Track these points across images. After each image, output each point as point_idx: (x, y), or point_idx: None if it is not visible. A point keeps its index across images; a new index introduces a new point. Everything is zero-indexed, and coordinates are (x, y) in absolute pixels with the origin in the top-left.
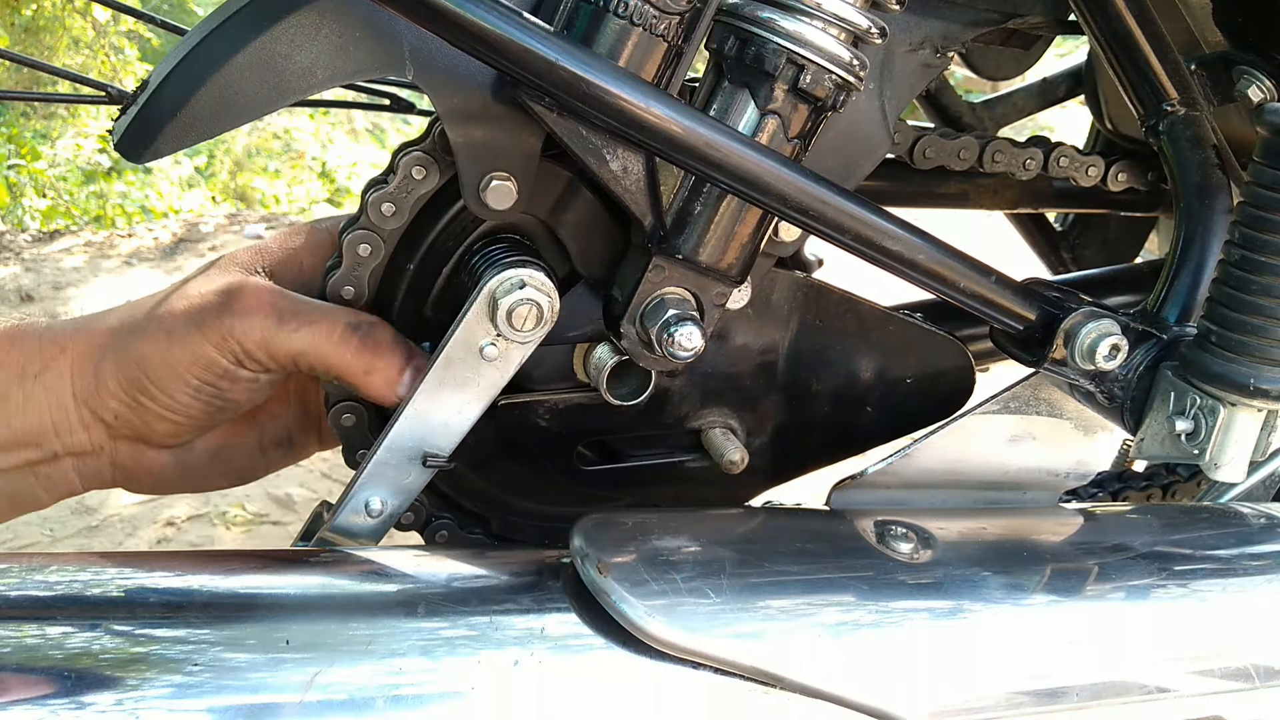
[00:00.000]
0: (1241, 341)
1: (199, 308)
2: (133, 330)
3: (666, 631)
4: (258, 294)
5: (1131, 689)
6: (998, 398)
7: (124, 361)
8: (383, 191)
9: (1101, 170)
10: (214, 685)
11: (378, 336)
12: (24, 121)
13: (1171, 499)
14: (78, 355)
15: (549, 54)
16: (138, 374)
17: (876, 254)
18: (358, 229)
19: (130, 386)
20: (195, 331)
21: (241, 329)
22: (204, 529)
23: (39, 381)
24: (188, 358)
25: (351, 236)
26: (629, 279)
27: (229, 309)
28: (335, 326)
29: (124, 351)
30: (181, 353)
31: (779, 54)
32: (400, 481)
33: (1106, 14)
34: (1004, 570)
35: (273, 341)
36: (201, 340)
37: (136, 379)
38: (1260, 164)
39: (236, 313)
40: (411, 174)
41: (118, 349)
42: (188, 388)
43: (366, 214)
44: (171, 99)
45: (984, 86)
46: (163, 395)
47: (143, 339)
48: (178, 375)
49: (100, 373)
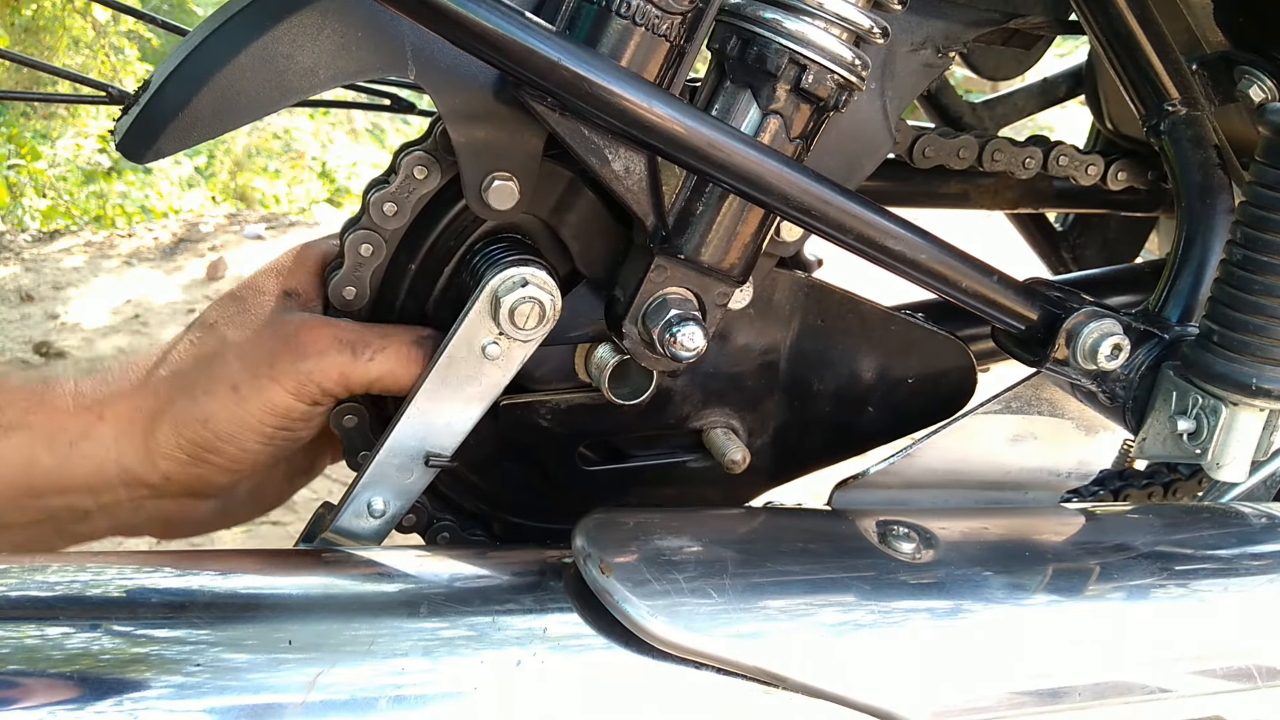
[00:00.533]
0: (1243, 341)
1: (263, 358)
2: (186, 390)
3: (669, 631)
4: (321, 331)
5: (1132, 689)
6: (999, 398)
7: (185, 424)
8: (384, 191)
9: (1101, 169)
10: (215, 685)
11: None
12: (24, 121)
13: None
14: (120, 423)
15: (551, 54)
16: (205, 434)
17: (878, 254)
18: (359, 229)
19: (193, 448)
20: (269, 383)
21: (321, 370)
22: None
23: (75, 449)
24: (263, 409)
25: (353, 236)
26: (631, 279)
27: (301, 352)
28: (405, 348)
29: (183, 414)
30: (255, 406)
31: (781, 54)
32: (403, 482)
33: (1107, 14)
34: (1006, 570)
35: (351, 375)
36: (277, 389)
37: (203, 439)
38: (1262, 163)
39: (309, 355)
40: (414, 174)
41: (174, 413)
42: (260, 438)
43: (368, 214)
44: (173, 99)
45: (984, 86)
46: (233, 449)
47: (204, 400)
48: (251, 428)
49: (153, 439)
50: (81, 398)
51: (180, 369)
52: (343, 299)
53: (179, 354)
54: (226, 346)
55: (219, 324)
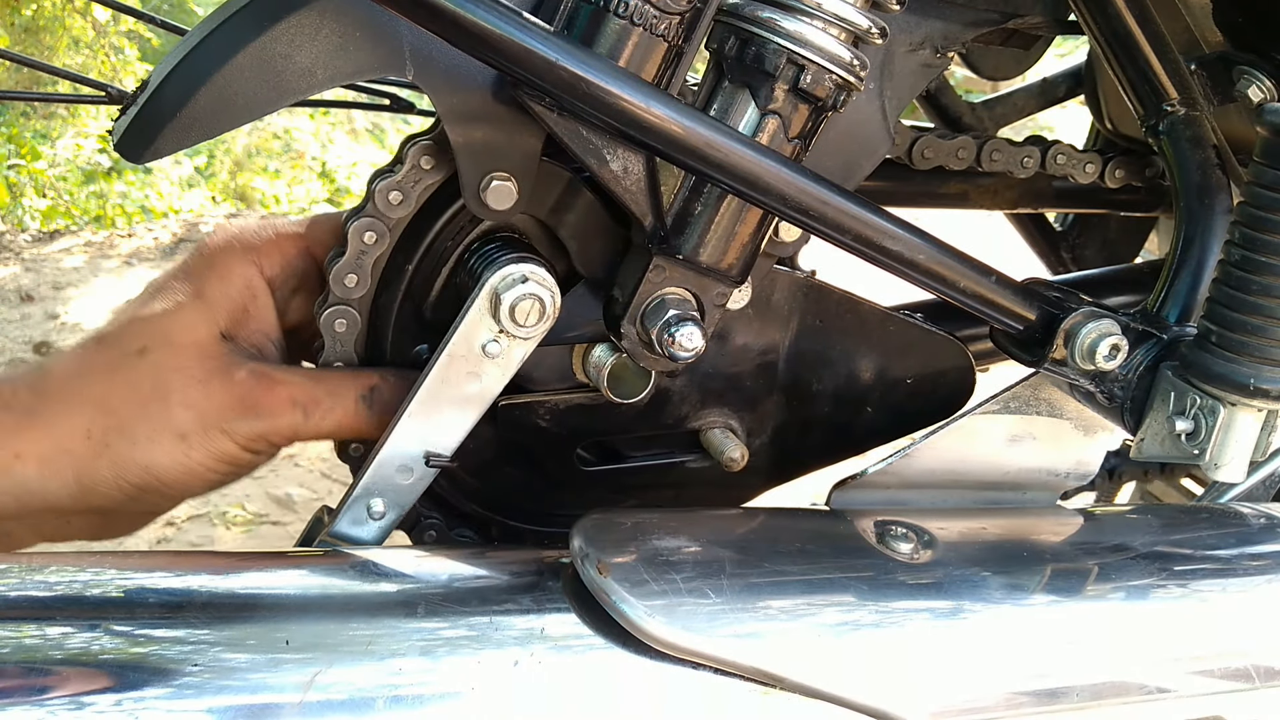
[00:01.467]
0: (1242, 341)
1: (214, 415)
2: (125, 435)
3: (666, 632)
4: (277, 392)
5: (1131, 689)
6: (998, 398)
7: (126, 468)
8: (390, 180)
9: (1099, 167)
10: (214, 685)
11: (386, 396)
12: (24, 121)
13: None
14: (42, 461)
15: (549, 54)
16: (148, 479)
17: (877, 254)
18: (364, 217)
19: (134, 489)
20: (219, 436)
21: (275, 429)
22: (204, 529)
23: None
24: (210, 459)
25: (357, 224)
26: (629, 279)
27: (254, 413)
28: (352, 404)
29: (123, 459)
30: (203, 456)
31: (779, 54)
32: (403, 482)
33: (1106, 14)
34: (1004, 570)
35: (303, 432)
36: (228, 443)
37: (145, 483)
38: (1260, 164)
39: (263, 416)
40: (420, 163)
41: (113, 457)
42: (204, 484)
43: (373, 202)
44: (172, 99)
45: (984, 86)
46: (174, 491)
47: (148, 446)
48: (197, 475)
49: (88, 477)
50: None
51: (114, 409)
52: (344, 286)
53: (110, 391)
54: (170, 393)
55: (155, 358)
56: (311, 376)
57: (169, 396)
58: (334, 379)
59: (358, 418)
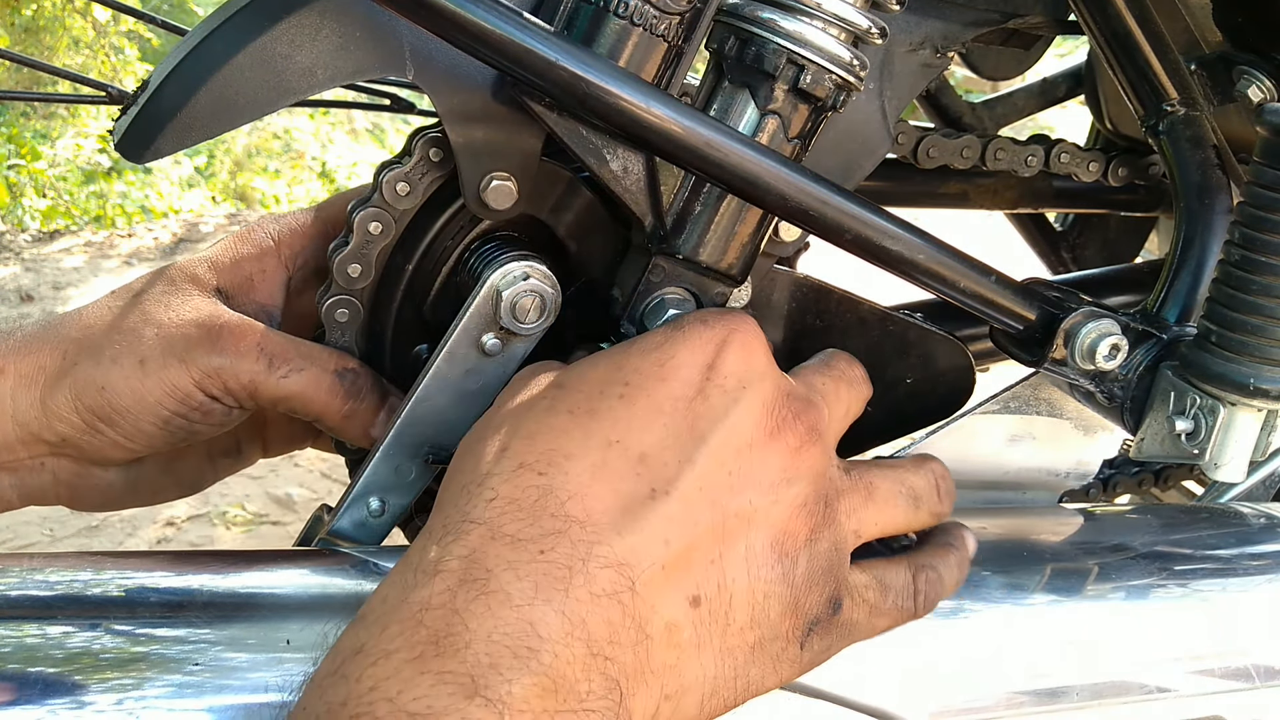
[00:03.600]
0: (1241, 341)
1: (179, 339)
2: (93, 354)
3: None
4: (246, 334)
5: (1131, 689)
6: (997, 398)
7: (84, 388)
8: (398, 170)
9: (1102, 165)
10: (214, 685)
11: (360, 384)
12: (24, 121)
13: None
14: (19, 377)
15: (549, 54)
16: (100, 402)
17: (876, 254)
18: (370, 206)
19: (89, 414)
20: (176, 364)
21: (230, 370)
22: (204, 529)
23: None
24: (162, 389)
25: (363, 214)
26: (629, 279)
27: (217, 347)
28: (324, 376)
29: (84, 377)
30: (156, 384)
31: (779, 54)
32: (402, 481)
33: (1106, 14)
34: (1004, 570)
35: (261, 385)
36: (183, 374)
37: (98, 407)
38: (1260, 164)
39: (225, 352)
40: (429, 155)
41: (76, 374)
42: (156, 419)
43: (380, 192)
44: (171, 99)
45: (984, 86)
46: (126, 424)
47: (109, 366)
48: (148, 406)
49: (51, 398)
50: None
51: (91, 333)
52: (348, 276)
53: (95, 318)
54: (146, 322)
55: (144, 298)
56: (290, 338)
57: (144, 327)
58: (313, 346)
59: (326, 391)
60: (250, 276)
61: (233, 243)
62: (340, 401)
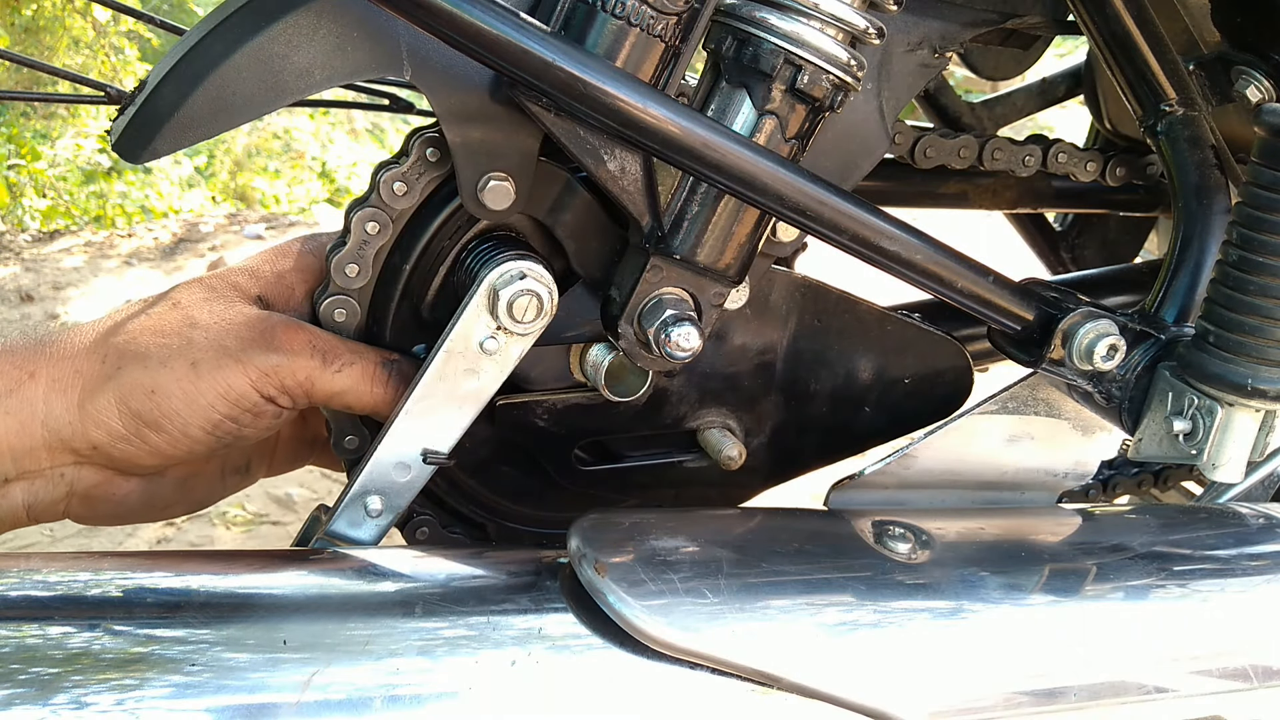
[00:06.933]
0: (1239, 342)
1: (233, 341)
2: (139, 358)
3: (664, 632)
4: (297, 333)
5: (1130, 689)
6: (996, 398)
7: (130, 392)
8: (395, 171)
9: (1100, 165)
10: (213, 685)
11: (404, 371)
12: (24, 121)
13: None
14: (53, 382)
15: (546, 54)
16: (149, 406)
17: (874, 254)
18: (367, 207)
19: (133, 419)
20: (231, 364)
21: (289, 368)
22: (204, 529)
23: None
24: (216, 391)
25: (360, 214)
26: (627, 279)
27: (273, 346)
28: (370, 366)
29: (131, 381)
30: (210, 385)
31: (776, 54)
32: (400, 480)
33: (1105, 14)
34: (1002, 570)
35: (316, 382)
36: (239, 374)
37: (145, 411)
38: (1258, 164)
39: (281, 350)
40: (426, 155)
41: (121, 379)
42: (206, 423)
43: (377, 192)
44: (169, 99)
45: (984, 86)
46: (173, 429)
47: (157, 369)
48: (199, 409)
49: (91, 402)
50: (12, 355)
51: (135, 338)
52: (345, 276)
53: (135, 325)
54: (194, 327)
55: (185, 304)
56: (336, 336)
57: (191, 331)
58: (357, 343)
59: (375, 381)
60: (292, 287)
61: (271, 255)
62: (391, 391)
